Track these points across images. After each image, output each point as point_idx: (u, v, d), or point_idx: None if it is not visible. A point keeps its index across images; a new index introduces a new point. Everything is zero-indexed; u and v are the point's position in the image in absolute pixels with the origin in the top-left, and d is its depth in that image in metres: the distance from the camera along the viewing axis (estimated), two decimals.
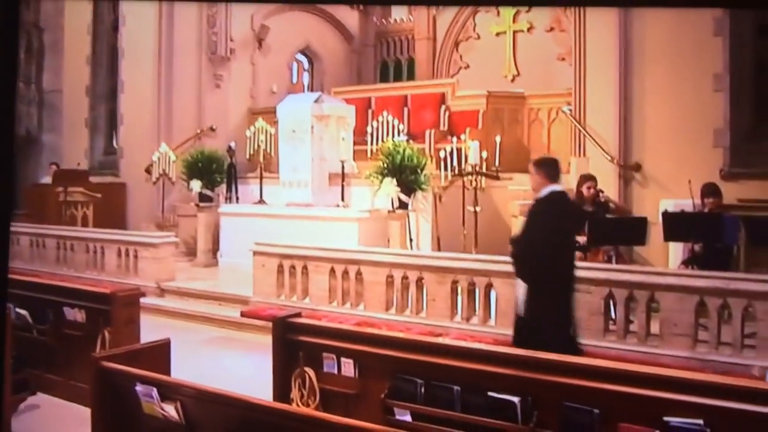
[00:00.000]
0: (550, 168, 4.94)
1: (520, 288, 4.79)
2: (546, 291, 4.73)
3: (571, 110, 9.60)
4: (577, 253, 6.83)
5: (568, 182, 9.40)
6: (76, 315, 5.24)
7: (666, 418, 3.02)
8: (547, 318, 4.68)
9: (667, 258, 7.99)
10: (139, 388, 3.41)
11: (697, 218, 6.92)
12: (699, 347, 5.72)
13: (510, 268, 6.48)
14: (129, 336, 5.05)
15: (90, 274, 9.61)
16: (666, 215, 7.14)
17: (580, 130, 9.38)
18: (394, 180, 8.72)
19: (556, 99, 10.49)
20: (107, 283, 8.33)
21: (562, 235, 4.85)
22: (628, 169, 8.82)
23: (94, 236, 9.89)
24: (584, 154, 9.35)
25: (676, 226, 6.92)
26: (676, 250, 7.75)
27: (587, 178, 7.50)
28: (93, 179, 12.55)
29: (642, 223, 7.04)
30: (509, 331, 6.43)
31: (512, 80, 12.78)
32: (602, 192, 7.40)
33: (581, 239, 6.71)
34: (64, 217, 11.26)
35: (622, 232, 7.01)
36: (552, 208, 4.77)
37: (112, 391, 3.58)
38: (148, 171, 11.77)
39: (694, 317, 5.72)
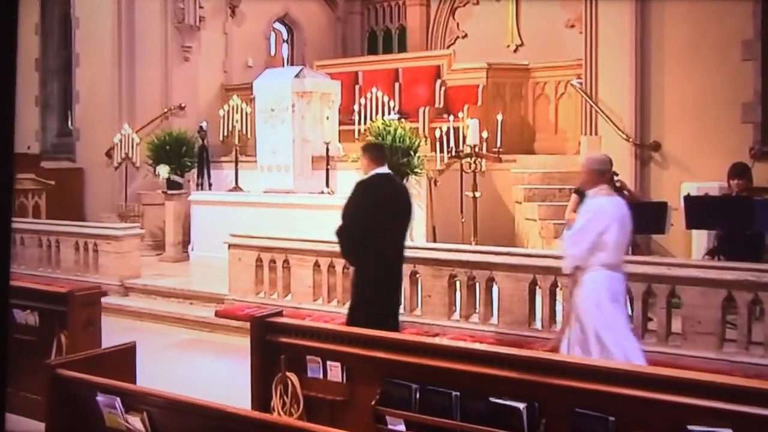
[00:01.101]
0: (375, 151, 5.55)
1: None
2: (367, 274, 5.32)
3: (581, 84, 9.60)
4: None
5: (578, 164, 9.49)
6: (27, 318, 5.20)
7: (690, 427, 3.03)
8: (366, 302, 5.28)
9: (689, 248, 8.03)
10: (100, 398, 3.39)
11: (723, 203, 6.94)
12: (726, 347, 5.76)
13: (514, 260, 6.56)
14: (88, 340, 5.02)
15: (44, 271, 9.56)
16: (688, 200, 7.16)
17: (591, 106, 9.39)
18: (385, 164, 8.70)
19: (565, 71, 10.50)
20: (63, 282, 8.30)
21: (379, 219, 5.28)
22: (646, 149, 8.84)
23: (47, 228, 9.83)
24: (596, 133, 9.37)
25: (699, 211, 6.94)
26: (700, 239, 7.79)
27: None
28: (45, 164, 12.48)
29: (661, 209, 7.05)
30: (514, 330, 6.48)
31: (515, 51, 12.79)
32: (616, 175, 7.40)
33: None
34: (13, 207, 11.18)
35: (638, 219, 6.98)
36: (368, 191, 5.30)
37: (70, 403, 3.56)
38: (108, 155, 11.71)
39: (721, 314, 5.75)
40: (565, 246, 5.04)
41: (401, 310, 7.10)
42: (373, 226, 5.23)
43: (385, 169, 5.45)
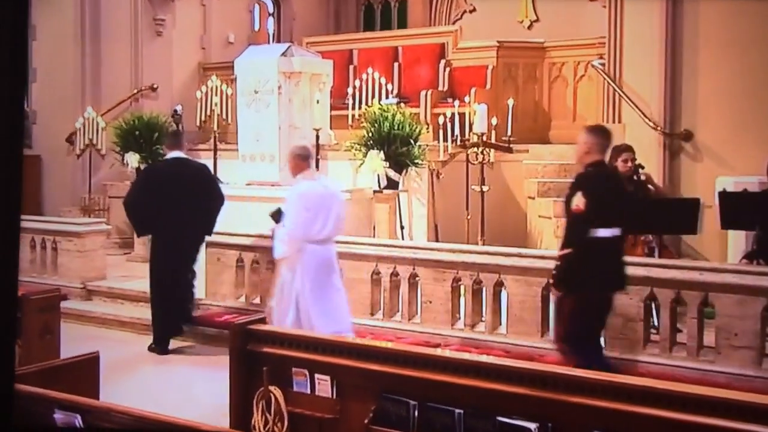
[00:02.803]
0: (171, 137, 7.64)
1: None
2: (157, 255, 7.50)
3: (603, 65, 9.59)
4: None
5: None
6: None
7: None
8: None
9: (725, 250, 8.03)
10: (58, 415, 3.38)
11: (763, 200, 6.94)
12: (766, 363, 5.75)
13: (526, 262, 6.55)
14: (46, 349, 5.02)
15: None
16: (724, 196, 7.16)
17: (614, 90, 9.38)
18: (382, 153, 8.71)
19: (585, 50, 10.50)
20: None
21: (159, 199, 7.25)
22: (676, 139, 8.84)
23: None
24: (619, 120, 9.36)
25: (736, 209, 6.94)
26: (737, 241, 7.79)
27: (623, 150, 7.47)
28: None
29: (692, 207, 7.05)
30: (525, 341, 6.48)
31: (529, 27, 12.79)
32: (642, 167, 7.40)
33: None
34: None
35: (667, 217, 7.02)
36: (147, 171, 6.94)
37: (24, 420, 3.55)
38: (69, 141, 11.69)
39: (760, 325, 5.76)
40: (280, 234, 6.21)
41: (399, 318, 7.14)
42: (156, 206, 7.35)
43: (179, 153, 7.41)
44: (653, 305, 6.24)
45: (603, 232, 5.11)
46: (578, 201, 5.04)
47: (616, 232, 5.21)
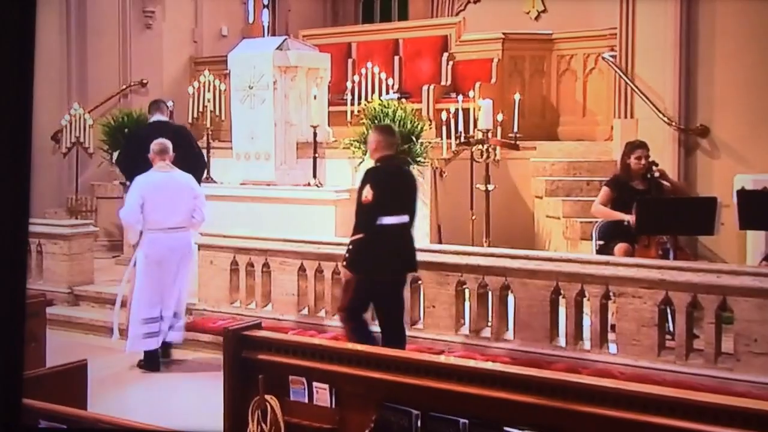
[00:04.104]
0: (152, 104, 8.06)
1: None
2: None
3: (614, 57, 9.58)
4: (622, 248, 6.87)
5: (610, 151, 9.50)
6: None
7: None
8: None
9: (743, 252, 8.02)
10: (43, 425, 3.38)
11: None
12: None
13: (533, 265, 6.55)
14: (30, 357, 5.01)
15: None
16: (743, 195, 7.16)
17: (626, 84, 9.38)
18: None
19: (595, 42, 10.49)
20: None
21: (145, 159, 7.34)
22: (691, 135, 8.83)
23: None
24: (632, 115, 9.36)
25: (756, 209, 6.94)
26: (756, 242, 7.79)
27: (636, 146, 7.49)
28: None
29: (709, 206, 7.03)
30: (532, 348, 6.48)
31: (536, 18, 12.78)
32: (656, 164, 7.40)
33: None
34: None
35: (682, 217, 7.01)
36: (130, 135, 7.32)
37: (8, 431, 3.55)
38: (55, 139, 11.69)
39: None
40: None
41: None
42: None
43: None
44: (668, 310, 6.23)
45: (388, 220, 6.03)
46: (366, 192, 5.99)
47: (403, 219, 6.14)
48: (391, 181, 6.15)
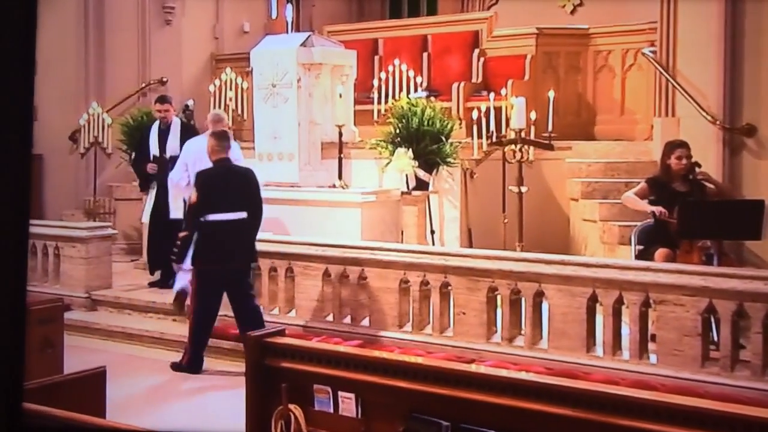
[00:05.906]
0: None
1: None
2: None
3: (655, 53, 9.52)
4: (663, 253, 6.82)
5: (650, 152, 9.43)
6: None
7: None
8: None
9: None
10: None
11: None
12: None
13: (569, 270, 6.52)
14: (48, 364, 5.06)
15: None
16: None
17: (667, 80, 9.31)
18: (410, 151, 8.71)
19: (634, 37, 10.44)
20: None
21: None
22: (737, 134, 8.74)
23: None
24: (673, 114, 9.29)
25: None
26: None
27: (676, 146, 7.44)
28: None
29: (756, 209, 6.96)
30: (568, 357, 6.45)
31: (572, 12, 12.74)
32: (698, 165, 7.34)
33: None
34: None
35: (726, 221, 6.95)
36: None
37: None
38: (72, 139, 11.80)
39: None
40: None
41: (429, 330, 7.14)
42: None
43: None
44: (712, 319, 6.17)
45: (213, 217, 7.03)
46: (192, 193, 7.13)
47: (238, 215, 7.09)
48: (217, 182, 7.17)
